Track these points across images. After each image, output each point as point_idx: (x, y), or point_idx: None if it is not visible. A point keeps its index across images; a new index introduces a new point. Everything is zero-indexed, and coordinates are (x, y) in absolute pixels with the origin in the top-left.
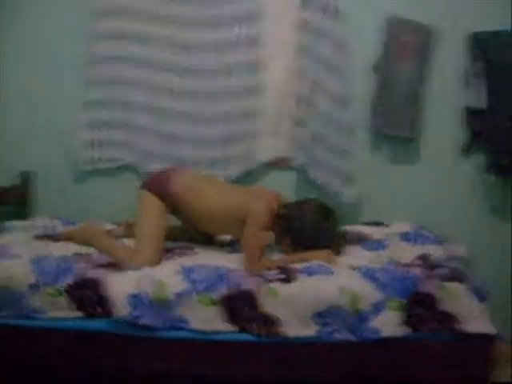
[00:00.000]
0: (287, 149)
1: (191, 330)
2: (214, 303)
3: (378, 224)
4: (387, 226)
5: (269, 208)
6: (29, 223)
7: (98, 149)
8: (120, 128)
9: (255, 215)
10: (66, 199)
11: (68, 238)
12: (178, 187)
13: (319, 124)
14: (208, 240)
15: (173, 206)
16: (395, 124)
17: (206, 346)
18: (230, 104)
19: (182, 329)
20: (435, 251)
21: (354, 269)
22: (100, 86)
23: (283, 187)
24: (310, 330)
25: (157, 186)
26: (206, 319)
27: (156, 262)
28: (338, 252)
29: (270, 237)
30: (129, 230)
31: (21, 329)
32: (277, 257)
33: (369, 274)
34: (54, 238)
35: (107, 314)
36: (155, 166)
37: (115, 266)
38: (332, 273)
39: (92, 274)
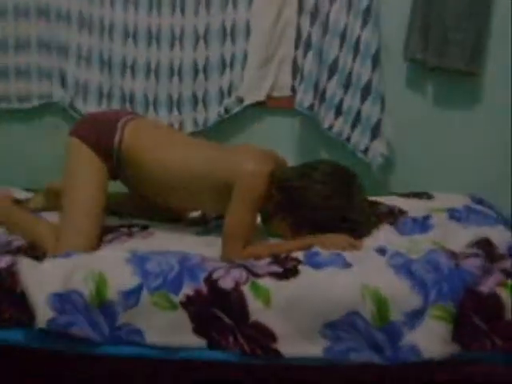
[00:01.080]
0: (286, 83)
1: (146, 345)
2: (174, 307)
3: (418, 195)
4: (431, 198)
5: (266, 174)
6: None
7: (7, 80)
8: (40, 48)
9: (246, 185)
10: None
11: None
12: (126, 136)
13: (332, 48)
14: (168, 215)
15: (117, 165)
16: (445, 52)
17: (167, 366)
18: (209, 17)
19: (133, 343)
20: (498, 235)
21: (382, 253)
22: None
23: (279, 142)
24: (315, 348)
25: (94, 132)
26: (166, 330)
27: (92, 245)
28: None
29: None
30: (52, 198)
31: None
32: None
33: (404, 268)
34: None
35: (22, 321)
36: (91, 107)
37: (33, 251)
38: (350, 265)
39: None
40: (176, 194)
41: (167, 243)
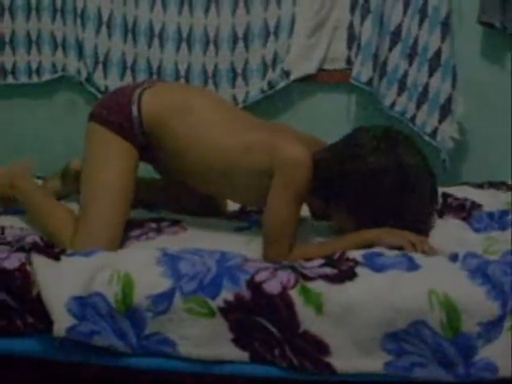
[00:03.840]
0: (340, 54)
1: (179, 358)
2: (211, 314)
3: (495, 186)
4: (511, 188)
5: (309, 161)
6: None
7: (13, 49)
8: (51, 12)
9: (288, 174)
10: None
11: None
12: (145, 105)
13: (395, 12)
14: (205, 208)
15: (145, 143)
16: None
17: (202, 381)
18: None
19: (163, 354)
20: None
21: (454, 259)
22: None
23: (332, 122)
24: (374, 363)
25: (110, 110)
26: (202, 340)
27: (116, 242)
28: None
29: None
30: (70, 181)
31: None
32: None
33: (479, 271)
34: None
35: (36, 329)
36: (112, 81)
37: (49, 247)
38: (417, 267)
39: (9, 262)
40: (208, 175)
41: (201, 240)
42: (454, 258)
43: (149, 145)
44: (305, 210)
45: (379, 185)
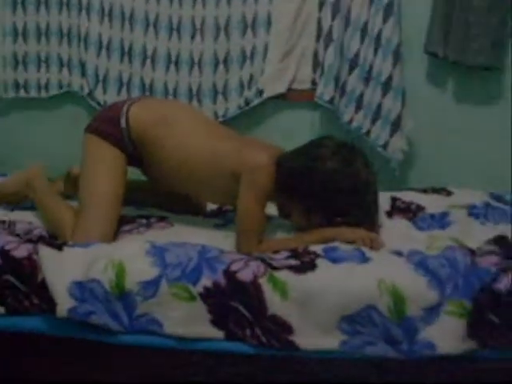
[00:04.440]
0: (306, 76)
1: (164, 335)
2: (193, 298)
3: (437, 191)
4: (450, 194)
5: (270, 164)
6: None
7: (25, 67)
8: (58, 37)
9: (251, 177)
10: None
11: None
12: (132, 117)
13: (353, 42)
14: (187, 208)
15: (133, 151)
16: (466, 47)
17: (185, 356)
18: (231, 9)
19: (152, 333)
20: None
21: (399, 255)
22: None
23: (299, 135)
24: (331, 341)
25: (103, 123)
26: (184, 320)
27: (109, 236)
28: (374, 226)
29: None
30: (72, 184)
31: None
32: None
33: (421, 264)
34: None
35: (41, 309)
36: (110, 97)
37: (53, 239)
38: (368, 259)
39: (18, 251)
40: (189, 179)
41: (185, 235)
42: (399, 253)
43: (137, 152)
44: (274, 210)
45: (332, 184)
